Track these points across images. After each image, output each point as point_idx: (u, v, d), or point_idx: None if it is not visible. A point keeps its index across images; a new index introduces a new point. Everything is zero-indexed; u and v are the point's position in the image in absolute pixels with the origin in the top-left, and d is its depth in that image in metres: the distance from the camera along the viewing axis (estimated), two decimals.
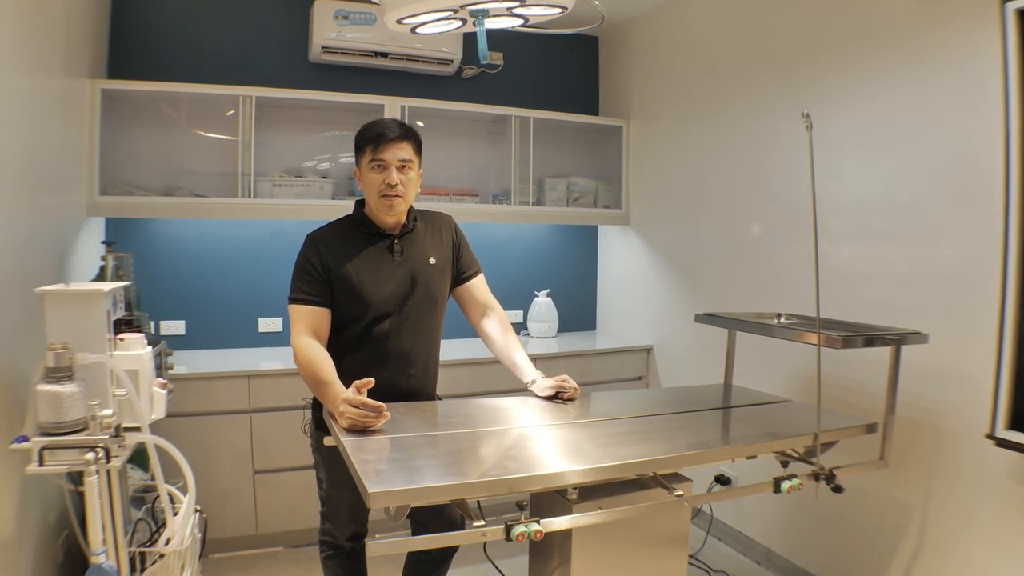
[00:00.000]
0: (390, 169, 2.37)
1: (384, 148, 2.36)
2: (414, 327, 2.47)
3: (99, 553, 2.00)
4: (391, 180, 2.36)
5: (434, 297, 2.52)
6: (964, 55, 2.63)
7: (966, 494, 2.66)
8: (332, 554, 2.64)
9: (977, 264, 2.56)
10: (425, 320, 2.50)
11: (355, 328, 2.42)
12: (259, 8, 4.20)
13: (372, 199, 2.43)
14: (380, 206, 2.41)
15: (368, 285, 2.40)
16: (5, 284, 2.25)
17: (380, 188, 2.37)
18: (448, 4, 1.90)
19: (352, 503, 2.49)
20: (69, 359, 2.00)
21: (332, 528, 2.60)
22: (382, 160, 2.37)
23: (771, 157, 3.56)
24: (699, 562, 3.59)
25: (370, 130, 2.40)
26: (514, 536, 1.69)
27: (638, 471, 1.94)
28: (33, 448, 1.94)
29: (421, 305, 2.47)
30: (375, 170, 2.38)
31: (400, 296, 2.43)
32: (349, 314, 2.41)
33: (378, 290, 2.40)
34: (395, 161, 2.37)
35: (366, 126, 2.44)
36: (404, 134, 2.40)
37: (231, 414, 3.59)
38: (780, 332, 2.68)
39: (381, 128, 2.39)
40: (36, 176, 2.66)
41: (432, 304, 2.52)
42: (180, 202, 3.79)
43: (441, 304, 2.57)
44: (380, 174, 2.37)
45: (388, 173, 2.36)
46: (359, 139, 2.44)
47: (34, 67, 2.61)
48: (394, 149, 2.37)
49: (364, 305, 2.39)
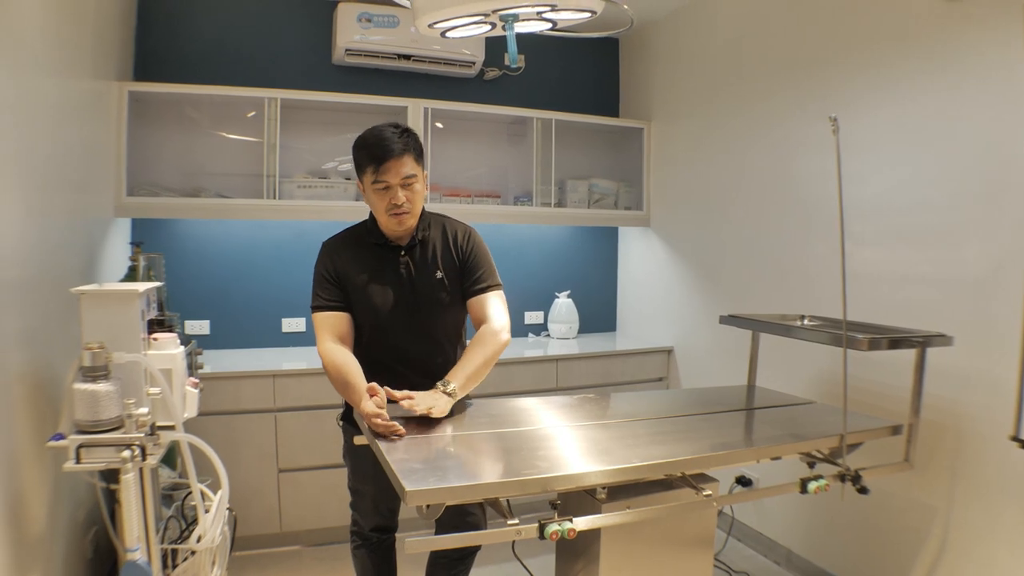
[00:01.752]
0: (394, 189, 2.32)
1: (386, 169, 2.31)
2: (427, 334, 2.46)
3: (134, 550, 2.03)
4: (397, 200, 2.32)
5: (442, 304, 2.48)
6: (991, 57, 2.63)
7: (990, 497, 2.66)
8: (360, 544, 2.71)
9: (1002, 266, 2.57)
10: (437, 327, 2.48)
11: (371, 334, 2.45)
12: (283, 11, 4.24)
13: (380, 217, 2.41)
14: (389, 223, 2.39)
15: (376, 293, 2.40)
16: (38, 284, 2.28)
17: (387, 208, 2.34)
18: (480, 9, 1.92)
19: (375, 496, 2.55)
20: (105, 358, 2.03)
21: (359, 519, 2.67)
22: (385, 181, 2.31)
23: (794, 159, 3.57)
24: (720, 563, 3.60)
25: (369, 149, 2.33)
26: (548, 534, 1.71)
27: (667, 471, 1.97)
28: (70, 446, 1.97)
29: (430, 313, 2.46)
30: (379, 191, 2.34)
31: (407, 305, 2.42)
32: (362, 320, 2.43)
33: (385, 299, 2.41)
34: (399, 180, 2.32)
35: (363, 141, 2.37)
36: (404, 147, 2.32)
37: (256, 413, 3.63)
38: (805, 334, 2.70)
39: (381, 147, 2.31)
40: (66, 177, 2.70)
41: (439, 311, 2.48)
42: (206, 203, 3.84)
43: (451, 310, 2.51)
44: (385, 194, 2.33)
45: (393, 193, 2.32)
46: (358, 156, 2.38)
47: (65, 70, 2.66)
48: (396, 167, 2.31)
49: (373, 312, 2.40)
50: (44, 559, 2.29)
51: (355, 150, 2.39)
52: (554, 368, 4.25)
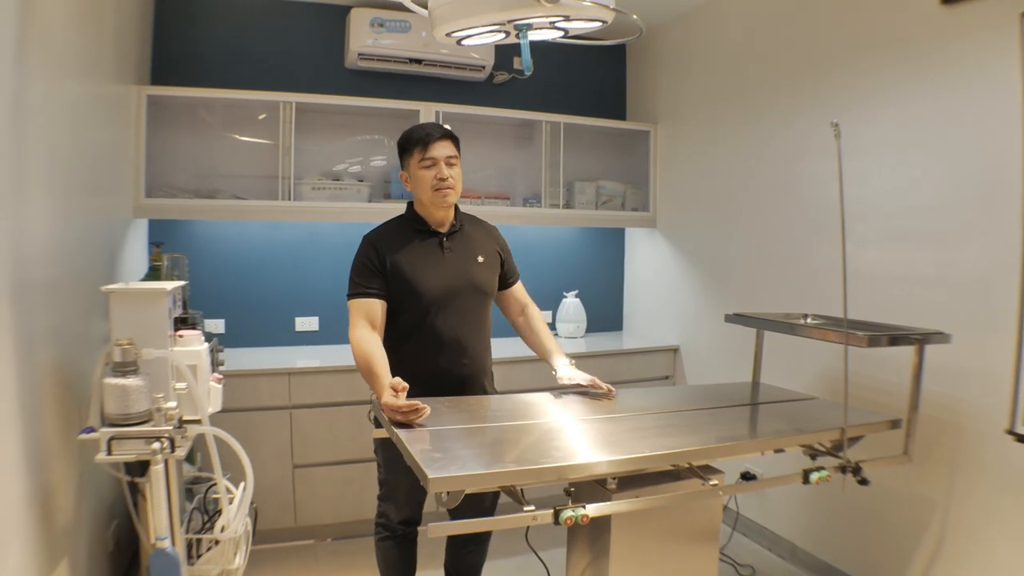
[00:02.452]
0: (439, 164, 2.59)
1: (432, 147, 2.59)
2: (465, 317, 2.65)
3: (163, 538, 2.11)
4: (442, 174, 2.59)
5: (482, 289, 2.71)
6: (988, 62, 2.70)
7: (987, 490, 2.72)
8: (387, 536, 2.78)
9: (999, 266, 2.63)
10: (475, 311, 2.69)
11: (411, 317, 2.60)
12: (297, 16, 4.32)
13: (426, 195, 2.63)
14: (435, 199, 2.62)
15: (421, 276, 2.58)
16: (63, 284, 2.35)
17: (433, 183, 2.60)
18: (496, 19, 2.00)
19: (408, 487, 2.63)
20: (134, 354, 2.11)
21: (388, 511, 2.75)
22: (432, 158, 2.59)
23: (798, 161, 3.64)
24: (726, 556, 3.67)
25: (415, 133, 2.64)
26: (563, 520, 1.79)
27: (675, 461, 2.05)
28: (101, 438, 2.05)
29: (470, 296, 2.66)
30: (426, 168, 2.60)
31: (450, 287, 2.61)
32: (405, 304, 2.59)
33: (430, 281, 2.59)
34: (443, 157, 2.60)
35: (409, 131, 2.67)
36: (446, 134, 2.64)
37: (272, 410, 3.71)
38: (807, 331, 2.77)
39: (426, 130, 2.63)
40: (88, 179, 2.77)
41: (480, 296, 2.71)
42: (223, 204, 3.93)
43: (489, 298, 2.75)
44: (431, 170, 2.60)
45: (439, 168, 2.59)
46: (405, 143, 2.66)
47: (88, 74, 2.73)
48: (441, 147, 2.60)
49: (418, 295, 2.57)
50: (71, 549, 2.35)
51: (401, 141, 2.69)
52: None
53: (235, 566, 2.41)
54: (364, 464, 3.78)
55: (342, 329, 4.30)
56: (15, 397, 1.84)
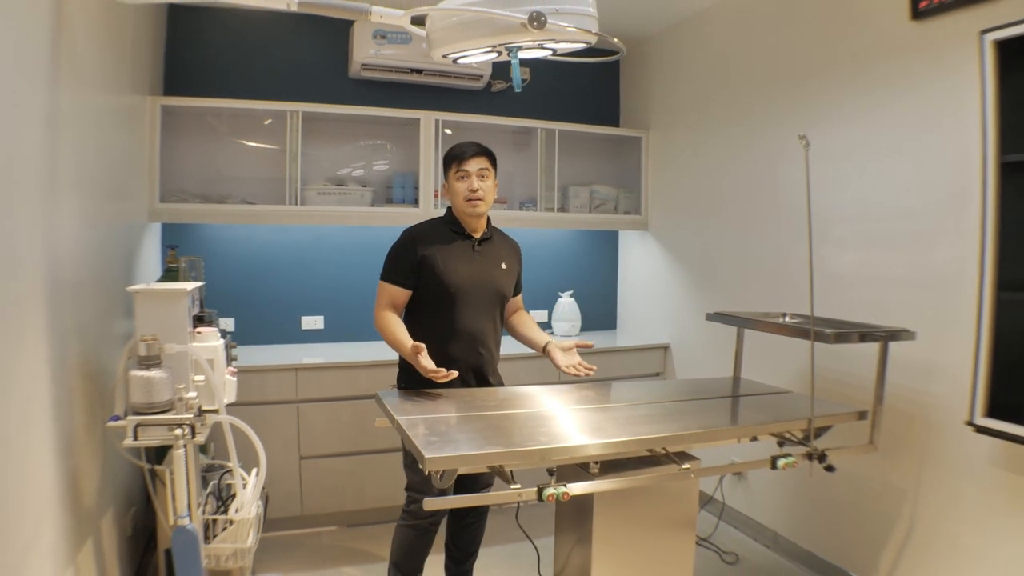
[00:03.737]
0: (471, 177, 2.91)
1: (466, 162, 2.92)
2: (483, 313, 2.94)
3: (184, 516, 2.30)
4: (473, 186, 2.91)
5: (501, 291, 3.04)
6: (953, 76, 2.86)
7: (952, 479, 2.89)
8: (412, 524, 2.95)
9: (964, 268, 2.79)
10: (492, 309, 3.00)
11: (437, 306, 2.90)
12: (303, 28, 4.48)
13: (459, 204, 2.96)
14: (466, 208, 2.94)
15: (452, 270, 2.89)
16: (88, 284, 2.52)
17: (465, 193, 2.92)
18: (488, 43, 2.19)
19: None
20: (158, 349, 2.30)
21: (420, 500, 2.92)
22: (465, 171, 2.92)
23: (780, 167, 3.80)
24: (711, 544, 3.85)
25: (455, 149, 2.98)
26: (545, 496, 1.98)
27: (651, 446, 2.23)
28: (128, 425, 2.23)
29: (491, 295, 2.97)
30: (460, 180, 2.93)
31: (475, 284, 2.92)
32: (433, 294, 2.89)
33: (460, 275, 2.90)
34: (475, 170, 2.92)
35: (450, 149, 3.01)
36: (481, 151, 2.97)
37: (280, 404, 3.89)
38: (781, 329, 2.95)
39: (463, 147, 2.96)
40: (108, 185, 2.93)
41: (499, 297, 3.04)
42: (234, 209, 4.11)
43: (505, 300, 3.10)
44: (464, 182, 2.92)
45: (470, 180, 2.91)
46: (446, 158, 3.01)
47: (108, 86, 2.89)
48: (474, 162, 2.93)
49: (446, 286, 2.87)
50: (95, 532, 2.52)
51: (444, 156, 3.03)
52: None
53: (248, 545, 2.60)
54: (366, 456, 3.98)
55: (347, 328, 4.52)
56: (49, 390, 2.01)
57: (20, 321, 1.81)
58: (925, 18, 2.97)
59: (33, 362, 1.90)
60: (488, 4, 2.11)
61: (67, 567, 2.14)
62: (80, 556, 2.30)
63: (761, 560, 3.77)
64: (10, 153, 1.72)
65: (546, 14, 2.04)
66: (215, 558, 2.62)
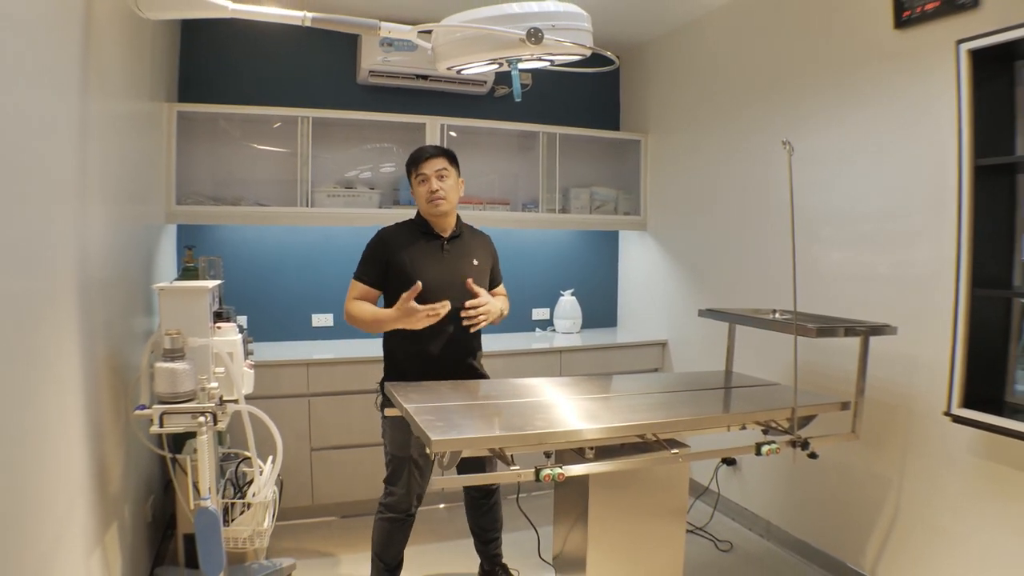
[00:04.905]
0: (431, 179, 3.02)
1: (423, 164, 3.04)
2: (459, 309, 2.98)
3: (206, 498, 2.46)
4: (432, 187, 3.01)
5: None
6: (932, 83, 2.99)
7: (934, 468, 3.03)
8: (388, 516, 3.12)
9: (942, 266, 2.92)
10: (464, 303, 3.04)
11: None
12: (312, 36, 4.58)
13: (423, 206, 3.08)
14: (430, 209, 3.05)
15: (419, 270, 2.99)
16: (111, 283, 2.64)
17: (426, 195, 3.03)
18: (490, 57, 2.35)
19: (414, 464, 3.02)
20: (182, 342, 2.45)
21: (394, 493, 3.09)
22: (423, 174, 3.03)
23: (770, 170, 3.92)
24: (707, 533, 4.00)
25: (413, 155, 3.10)
26: (542, 477, 2.13)
27: (642, 431, 2.39)
28: (155, 413, 2.39)
29: (463, 292, 3.01)
30: (421, 184, 3.04)
31: (444, 282, 3.00)
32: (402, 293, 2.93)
33: (428, 274, 2.98)
34: (433, 172, 3.02)
35: (411, 154, 3.11)
36: (437, 152, 3.07)
37: (291, 397, 4.04)
38: (766, 324, 3.10)
39: (420, 151, 3.09)
40: (130, 188, 3.07)
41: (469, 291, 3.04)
42: (247, 211, 4.27)
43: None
44: (424, 185, 3.03)
45: (430, 183, 3.02)
46: (407, 164, 3.12)
47: (129, 93, 3.03)
48: (431, 164, 3.03)
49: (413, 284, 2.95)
50: (119, 516, 2.67)
51: (406, 164, 3.13)
52: (558, 359, 4.64)
53: (265, 527, 2.77)
54: (373, 448, 4.09)
55: None
56: (80, 382, 2.15)
57: (57, 318, 1.94)
58: (908, 27, 3.09)
59: (68, 356, 2.03)
60: (489, 21, 2.27)
61: (95, 547, 2.28)
62: (107, 537, 2.45)
63: (754, 548, 3.91)
64: (49, 162, 1.85)
65: (543, 30, 2.20)
66: (233, 540, 2.78)
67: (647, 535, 2.69)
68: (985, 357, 2.69)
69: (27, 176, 1.67)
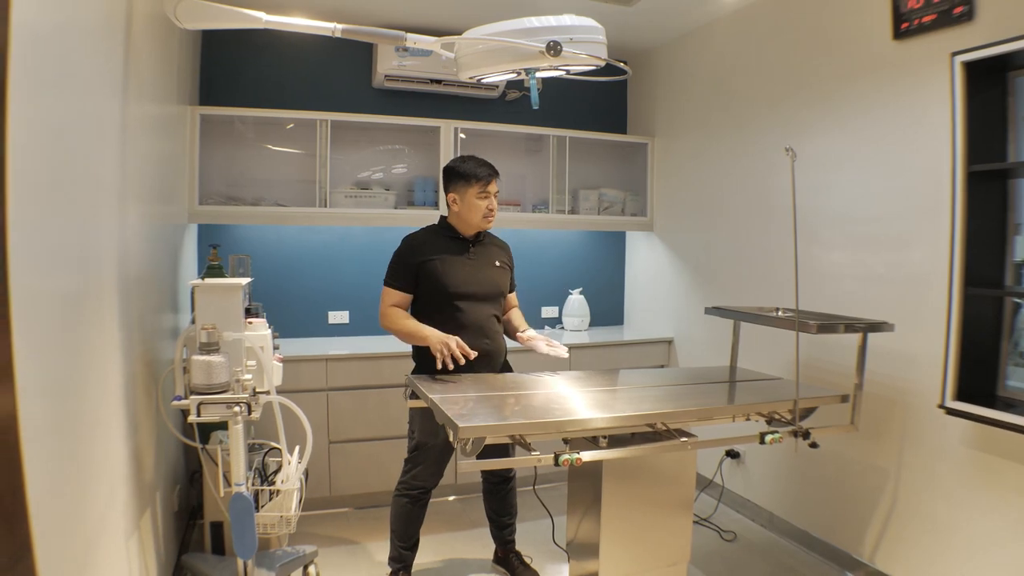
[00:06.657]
0: (492, 198, 3.26)
1: (491, 183, 3.26)
2: (485, 307, 3.24)
3: (240, 484, 2.59)
4: (492, 206, 3.27)
5: (497, 285, 3.34)
6: (928, 93, 3.13)
7: (929, 459, 3.16)
8: (407, 495, 3.31)
9: (936, 267, 3.07)
10: (491, 302, 3.29)
11: (442, 307, 3.19)
12: (329, 42, 4.70)
13: (475, 218, 3.27)
14: (483, 223, 3.28)
15: (448, 272, 3.20)
16: (144, 280, 2.76)
17: (484, 212, 3.26)
18: (510, 68, 2.49)
19: (438, 452, 3.23)
20: (217, 336, 2.59)
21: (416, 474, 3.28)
22: (488, 192, 3.25)
23: (773, 173, 4.05)
24: (711, 524, 4.13)
25: (478, 171, 3.24)
26: (560, 462, 2.28)
27: (653, 420, 2.53)
28: (192, 404, 2.52)
29: (488, 290, 3.26)
30: (482, 199, 3.24)
31: (473, 282, 3.22)
32: (434, 295, 3.20)
33: (456, 276, 3.20)
34: (494, 192, 3.27)
35: (469, 166, 3.27)
36: (496, 173, 3.31)
37: (311, 392, 4.18)
38: (769, 321, 3.23)
39: (488, 169, 3.27)
40: (159, 189, 3.19)
41: (497, 291, 3.33)
42: (267, 211, 4.40)
43: (502, 295, 3.35)
44: (485, 201, 3.25)
45: (491, 201, 3.26)
46: (469, 175, 3.24)
47: (159, 97, 3.14)
48: (494, 184, 3.28)
49: (444, 286, 3.18)
50: (152, 503, 2.80)
51: (465, 170, 3.26)
52: (567, 356, 4.75)
53: (292, 513, 2.91)
54: (389, 441, 4.27)
55: (371, 322, 4.82)
56: (120, 374, 2.27)
57: (100, 313, 2.05)
58: (906, 38, 3.23)
59: (110, 349, 2.15)
60: (510, 34, 2.40)
61: (133, 532, 2.41)
62: (142, 523, 2.57)
63: (757, 538, 4.04)
64: (97, 165, 1.97)
65: (561, 43, 2.34)
66: (263, 525, 2.92)
67: (656, 523, 2.83)
68: (978, 353, 2.83)
69: (82, 179, 1.79)
